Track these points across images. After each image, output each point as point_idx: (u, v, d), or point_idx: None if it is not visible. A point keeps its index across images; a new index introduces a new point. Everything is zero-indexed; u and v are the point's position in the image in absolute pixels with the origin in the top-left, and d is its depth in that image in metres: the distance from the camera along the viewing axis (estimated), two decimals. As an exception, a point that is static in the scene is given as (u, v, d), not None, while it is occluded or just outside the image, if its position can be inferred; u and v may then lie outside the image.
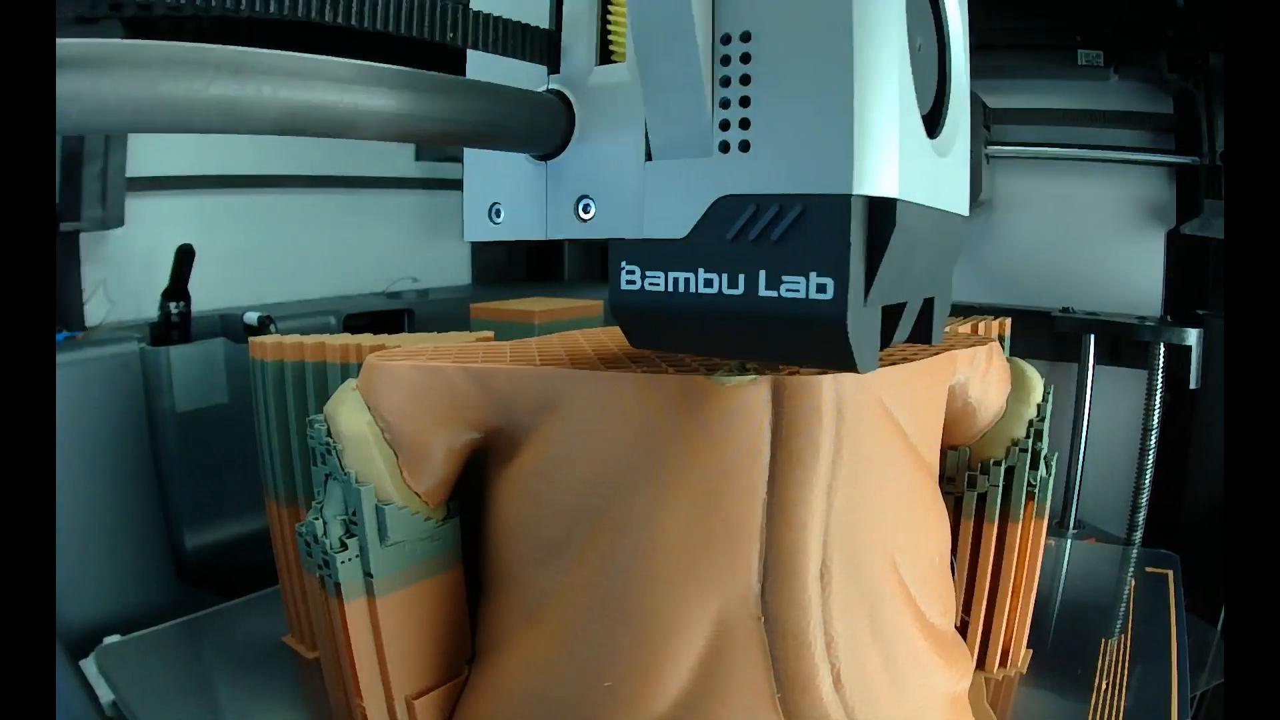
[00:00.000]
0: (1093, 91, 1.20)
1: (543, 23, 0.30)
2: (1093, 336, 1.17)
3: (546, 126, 0.29)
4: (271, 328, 0.96)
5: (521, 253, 1.54)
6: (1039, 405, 0.43)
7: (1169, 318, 1.17)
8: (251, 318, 0.98)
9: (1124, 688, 0.46)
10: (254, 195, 1.16)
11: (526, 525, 0.36)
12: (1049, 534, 0.48)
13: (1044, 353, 1.22)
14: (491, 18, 0.28)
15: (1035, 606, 0.48)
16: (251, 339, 0.50)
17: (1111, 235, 1.22)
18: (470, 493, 0.39)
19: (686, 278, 0.27)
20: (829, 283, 0.25)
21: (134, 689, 0.46)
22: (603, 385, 0.33)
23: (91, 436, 0.84)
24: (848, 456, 0.33)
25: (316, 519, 0.35)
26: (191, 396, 0.90)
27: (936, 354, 0.38)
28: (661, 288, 0.27)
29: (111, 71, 0.19)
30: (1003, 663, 0.47)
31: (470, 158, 0.33)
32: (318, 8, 0.24)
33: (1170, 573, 0.62)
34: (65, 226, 0.93)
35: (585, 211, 0.30)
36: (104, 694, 0.46)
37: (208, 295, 1.01)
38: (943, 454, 0.44)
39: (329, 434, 0.35)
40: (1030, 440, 0.43)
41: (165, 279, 0.96)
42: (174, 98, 0.20)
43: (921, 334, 0.33)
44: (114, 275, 1.00)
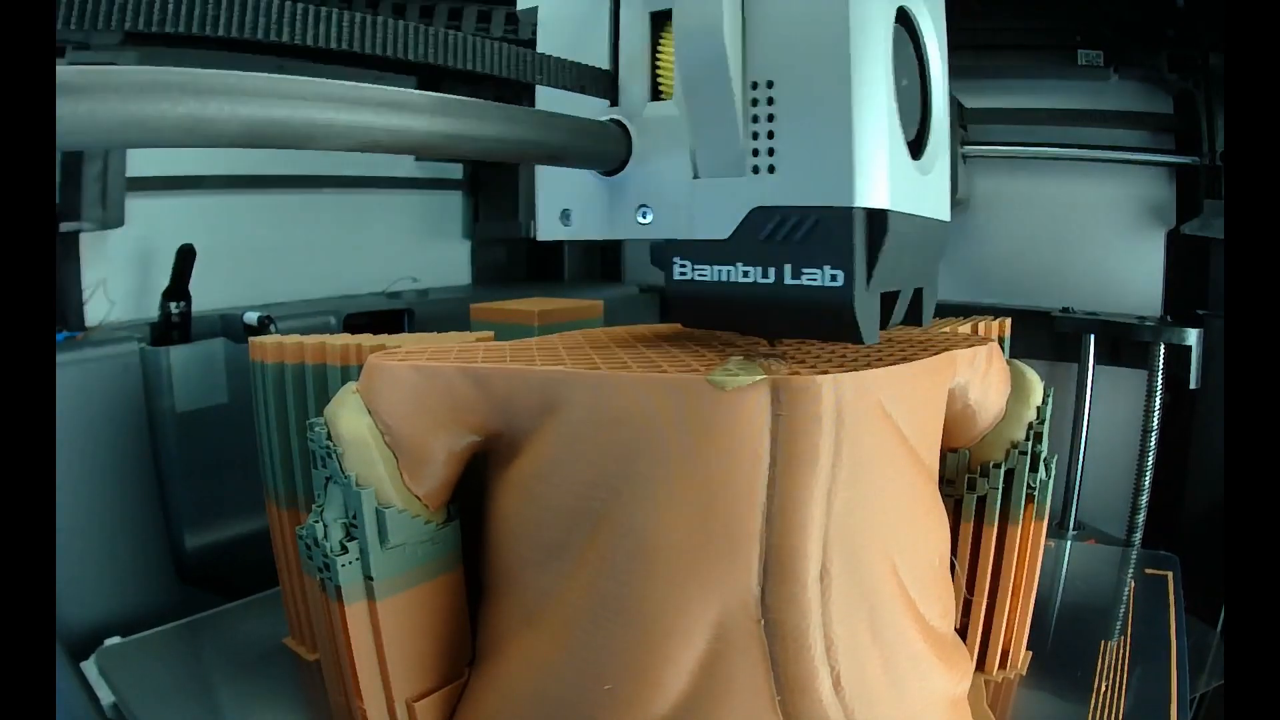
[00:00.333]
0: (1093, 91, 1.19)
1: (603, 65, 0.37)
2: (1093, 336, 1.17)
3: (610, 150, 0.36)
4: (271, 328, 0.96)
5: (521, 253, 1.54)
6: (1039, 408, 0.43)
7: (1169, 318, 1.17)
8: (251, 318, 0.98)
9: (1124, 689, 0.46)
10: (254, 195, 1.16)
11: (526, 527, 0.36)
12: (1048, 535, 0.48)
13: (1044, 353, 1.22)
14: (565, 61, 0.35)
15: (1035, 608, 0.48)
16: (251, 339, 0.50)
17: (1111, 235, 1.22)
18: (470, 495, 0.39)
19: (728, 270, 0.34)
20: (839, 273, 0.32)
21: (134, 691, 0.46)
22: (603, 385, 0.33)
23: (91, 436, 0.84)
24: (847, 460, 0.33)
25: (317, 522, 0.35)
26: (191, 396, 0.90)
27: (936, 355, 0.38)
28: (709, 278, 0.35)
29: (92, 95, 0.20)
30: (1002, 664, 0.47)
31: (543, 173, 0.40)
32: (432, 54, 0.28)
33: (1170, 574, 0.62)
34: (65, 226, 0.93)
35: (644, 217, 0.37)
36: (104, 696, 0.47)
37: (208, 295, 1.01)
38: (942, 456, 0.44)
39: (329, 437, 0.35)
40: (1030, 443, 0.43)
41: (165, 279, 0.96)
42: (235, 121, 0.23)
43: (914, 317, 0.40)
44: (114, 275, 1.00)
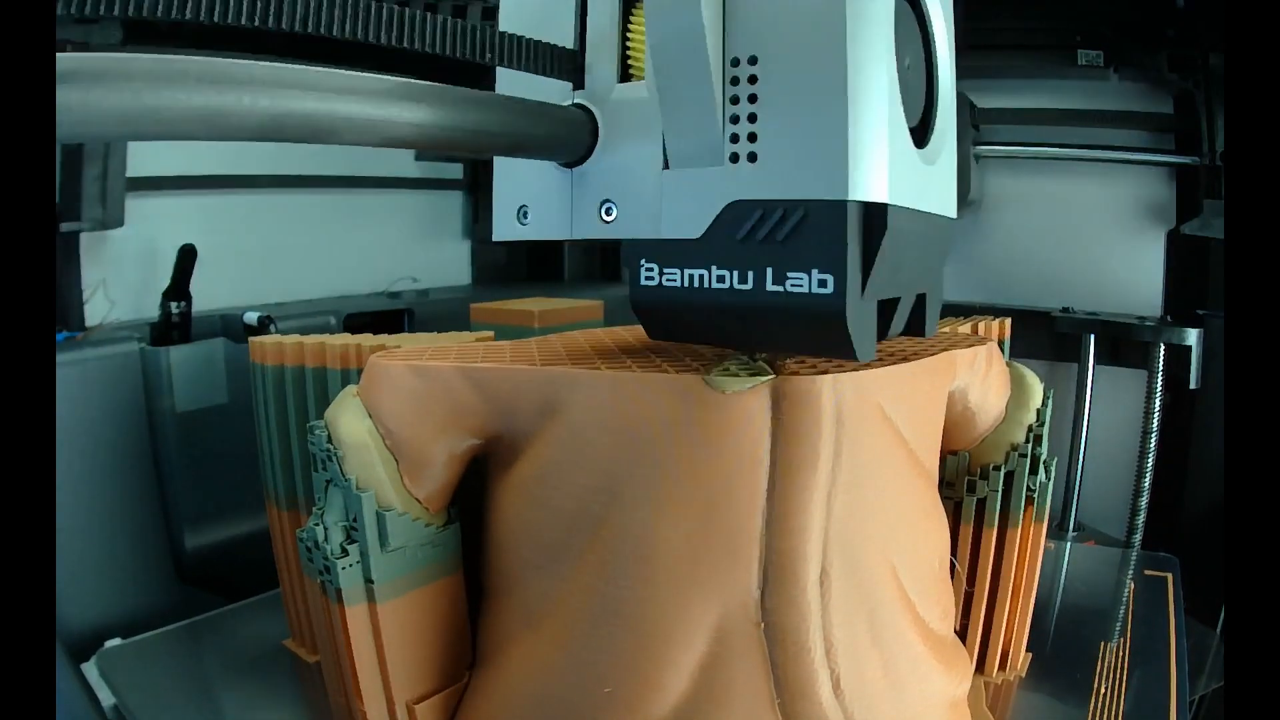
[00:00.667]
0: (1093, 91, 1.19)
1: (568, 43, 0.33)
2: (1093, 336, 1.17)
3: (573, 137, 0.32)
4: (271, 328, 0.96)
5: (522, 253, 1.54)
6: (1038, 410, 0.43)
7: (1169, 318, 1.18)
8: (251, 318, 0.98)
9: (1123, 691, 0.46)
10: (254, 195, 1.16)
11: (527, 531, 0.36)
12: (1048, 536, 0.48)
13: (1044, 353, 1.22)
14: (524, 39, 0.30)
15: (1034, 609, 0.48)
16: (251, 340, 0.50)
17: (1111, 235, 1.22)
18: (471, 498, 0.39)
19: (701, 274, 0.29)
20: (829, 278, 0.27)
21: (135, 692, 0.46)
22: (603, 385, 0.33)
23: (91, 436, 0.84)
24: (847, 463, 0.33)
25: (317, 525, 0.35)
26: (191, 396, 0.90)
27: (935, 355, 0.38)
28: (678, 283, 0.30)
29: (103, 84, 0.19)
30: (1002, 666, 0.47)
31: (500, 165, 0.35)
32: (371, 30, 0.25)
33: (1169, 575, 0.62)
34: (65, 226, 0.93)
35: (608, 214, 0.32)
36: (105, 698, 0.47)
37: (208, 295, 1.01)
38: (942, 459, 0.44)
39: (330, 440, 0.35)
40: (1030, 445, 0.43)
41: (165, 279, 0.96)
42: (213, 109, 0.21)
43: (915, 327, 0.35)
44: (114, 275, 1.00)
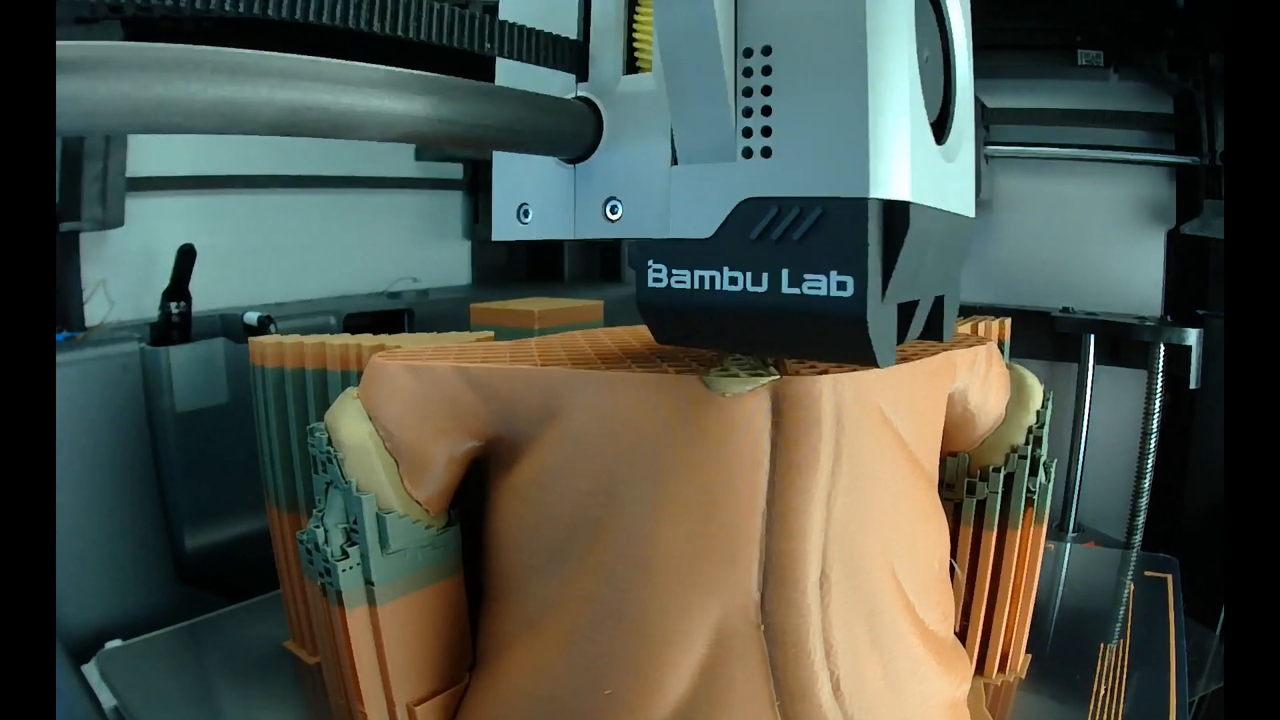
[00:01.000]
0: (1093, 91, 1.19)
1: (571, 34, 0.31)
2: (1093, 336, 1.17)
3: (576, 132, 0.30)
4: (271, 328, 0.96)
5: (521, 253, 1.54)
6: (1038, 412, 0.43)
7: (1169, 318, 1.18)
8: (251, 318, 0.98)
9: (1122, 692, 0.47)
10: (254, 195, 1.16)
11: (527, 533, 0.36)
12: (1048, 537, 0.48)
13: (1044, 353, 1.22)
14: (525, 29, 0.29)
15: (1034, 611, 0.48)
16: (251, 340, 0.50)
17: (1111, 235, 1.22)
18: (471, 499, 0.39)
19: (712, 275, 0.28)
20: (849, 280, 0.26)
21: (136, 694, 0.46)
22: (604, 385, 0.33)
23: (91, 436, 0.84)
24: (847, 465, 0.33)
25: (318, 527, 0.35)
26: (191, 396, 0.90)
27: (935, 355, 0.38)
28: (688, 285, 0.28)
29: (112, 73, 0.19)
30: (1001, 668, 0.47)
31: (499, 161, 0.34)
32: (364, 17, 0.24)
33: (1169, 577, 0.62)
34: (65, 226, 0.93)
35: (613, 212, 0.31)
36: (106, 699, 0.47)
37: (208, 295, 1.01)
38: (942, 460, 0.44)
39: (330, 442, 0.35)
40: (1029, 447, 0.43)
41: (165, 279, 0.96)
42: (205, 100, 0.20)
43: (933, 331, 0.34)
44: (114, 275, 1.00)
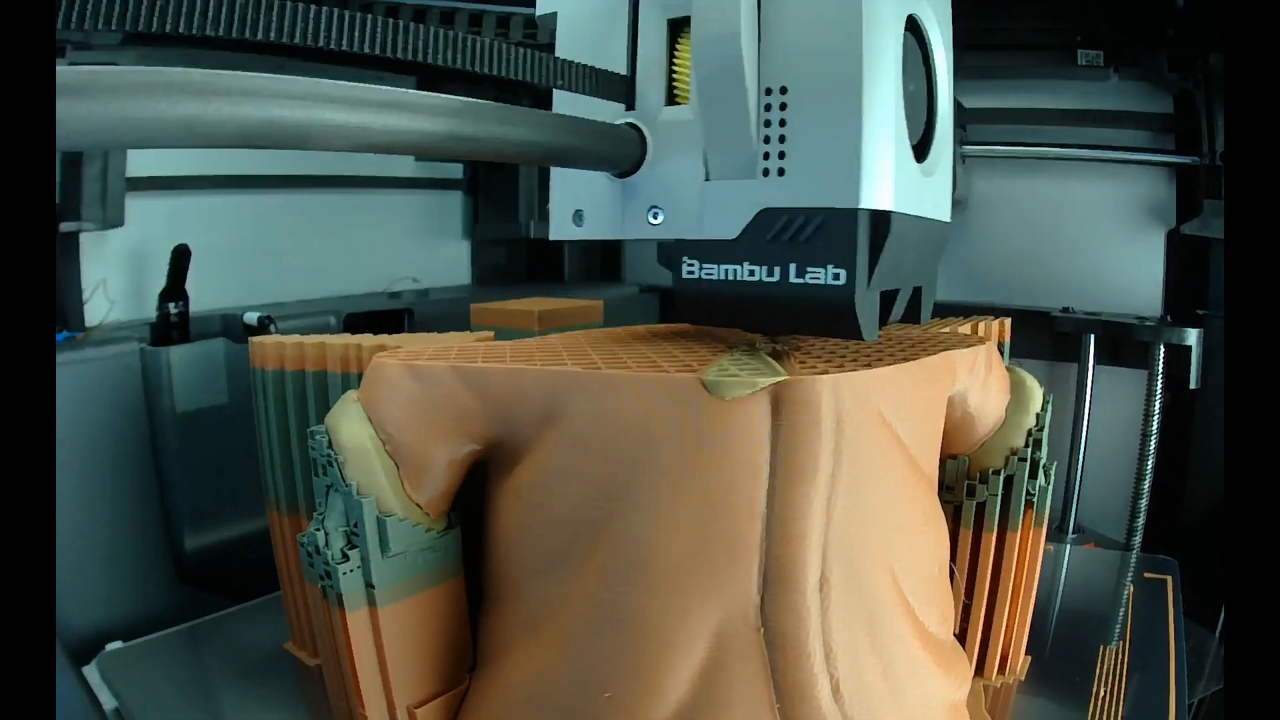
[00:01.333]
0: (1093, 91, 1.19)
1: (621, 69, 0.38)
2: (1093, 336, 1.17)
3: (626, 152, 0.37)
4: (271, 328, 0.95)
5: (522, 253, 1.54)
6: (1038, 414, 0.43)
7: (1169, 318, 1.17)
8: (251, 318, 0.98)
9: (1122, 694, 0.47)
10: (254, 195, 1.16)
11: (527, 536, 0.36)
12: (1048, 539, 0.48)
13: (1044, 353, 1.22)
14: (585, 66, 0.35)
15: (1034, 613, 0.48)
16: (251, 340, 0.50)
17: (1111, 235, 1.22)
18: (471, 502, 0.39)
19: (735, 269, 0.35)
20: (841, 272, 0.33)
21: (136, 696, 0.46)
22: (604, 384, 0.33)
23: (91, 436, 0.84)
24: (847, 469, 0.33)
25: (318, 530, 0.35)
26: (191, 396, 0.90)
27: (935, 360, 0.38)
28: (716, 276, 0.36)
29: (91, 95, 0.20)
30: (1001, 669, 0.47)
31: (557, 175, 0.41)
32: (447, 55, 0.28)
33: (1169, 578, 0.62)
34: (65, 226, 0.93)
35: (655, 218, 0.38)
36: (106, 701, 0.47)
37: (208, 295, 1.01)
38: (942, 463, 0.44)
39: (330, 445, 0.35)
40: (1029, 449, 0.43)
41: (165, 279, 0.96)
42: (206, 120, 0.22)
43: (913, 315, 0.41)
44: (114, 275, 1.00)
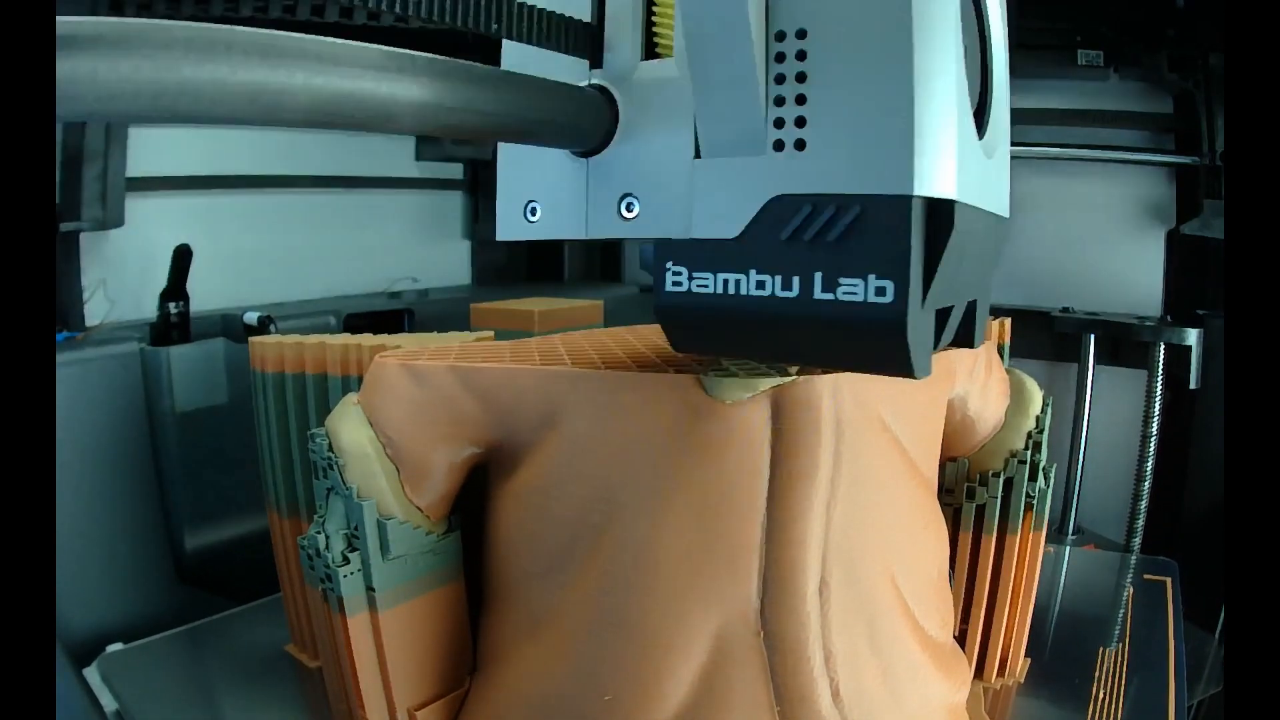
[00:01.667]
0: (1093, 91, 1.19)
1: (585, 16, 0.29)
2: (1093, 336, 1.17)
3: (589, 122, 0.28)
4: (271, 328, 0.95)
5: (522, 253, 1.54)
6: (1038, 417, 0.44)
7: (1169, 318, 1.17)
8: (251, 318, 0.97)
9: (1121, 696, 0.47)
10: (254, 195, 1.16)
11: (528, 539, 0.36)
12: (1047, 540, 0.48)
13: (1044, 353, 1.22)
14: (535, 9, 0.27)
15: (1033, 615, 0.48)
16: (252, 341, 0.50)
17: (1111, 235, 1.22)
18: (472, 505, 0.39)
19: (737, 279, 0.26)
20: (888, 285, 0.24)
21: (137, 697, 0.46)
22: (603, 385, 0.33)
23: (91, 436, 0.84)
24: (847, 473, 0.33)
25: (319, 533, 0.35)
26: (191, 396, 0.90)
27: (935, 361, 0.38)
28: (710, 289, 0.26)
29: (130, 52, 0.17)
30: (1001, 672, 0.47)
31: (505, 154, 0.32)
32: None
33: (1168, 580, 0.62)
34: (65, 226, 0.93)
35: (628, 210, 0.29)
36: (107, 702, 0.47)
37: (208, 295, 1.01)
38: (941, 465, 0.44)
39: (331, 448, 0.35)
40: (1029, 452, 0.43)
41: (165, 279, 0.96)
42: (197, 81, 0.18)
43: (965, 338, 0.32)
44: (114, 275, 1.00)
